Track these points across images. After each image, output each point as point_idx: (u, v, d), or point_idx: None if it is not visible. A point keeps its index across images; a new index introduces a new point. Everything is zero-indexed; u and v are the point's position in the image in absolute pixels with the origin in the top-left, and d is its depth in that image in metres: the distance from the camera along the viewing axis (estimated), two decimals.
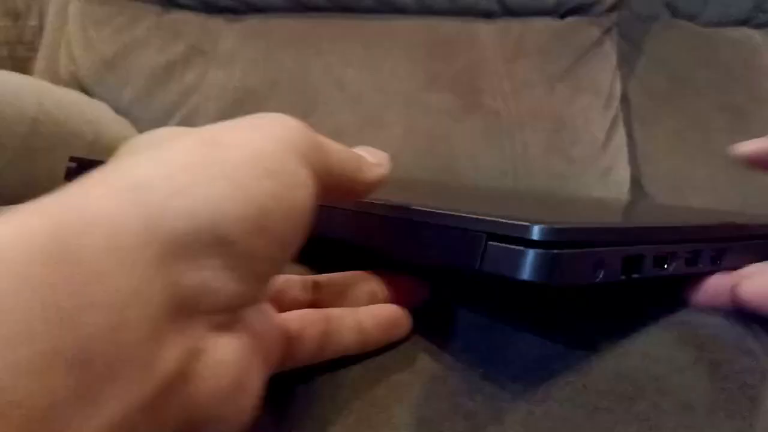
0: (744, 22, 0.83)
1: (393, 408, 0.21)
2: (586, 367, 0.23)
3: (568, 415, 0.20)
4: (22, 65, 0.96)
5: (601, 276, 0.21)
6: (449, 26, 0.78)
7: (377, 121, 0.73)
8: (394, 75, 0.76)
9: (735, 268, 0.26)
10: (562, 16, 0.79)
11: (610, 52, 0.80)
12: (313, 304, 0.23)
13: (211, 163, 0.15)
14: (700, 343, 0.25)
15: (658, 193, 0.76)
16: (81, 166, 0.32)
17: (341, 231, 0.25)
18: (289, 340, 0.21)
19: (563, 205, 0.37)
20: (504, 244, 0.20)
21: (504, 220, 0.20)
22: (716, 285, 0.25)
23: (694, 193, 0.74)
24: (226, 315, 0.16)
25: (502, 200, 0.38)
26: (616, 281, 0.21)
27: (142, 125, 0.74)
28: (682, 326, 0.26)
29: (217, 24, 0.79)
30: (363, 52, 0.77)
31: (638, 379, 0.22)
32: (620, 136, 0.78)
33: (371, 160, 0.21)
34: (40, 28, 0.88)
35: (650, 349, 0.24)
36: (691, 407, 0.21)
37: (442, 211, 0.22)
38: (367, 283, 0.25)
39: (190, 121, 0.75)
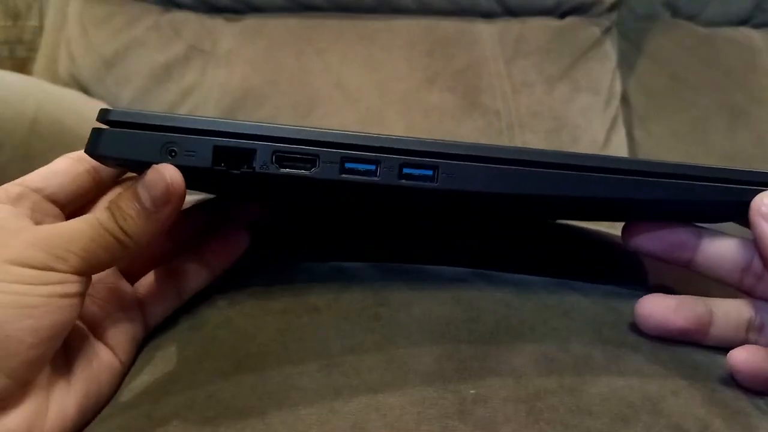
0: (744, 22, 0.83)
1: None
2: (579, 385, 0.22)
3: None
4: (22, 65, 0.96)
5: (179, 159, 0.21)
6: (449, 26, 0.78)
7: (377, 121, 0.73)
8: (393, 74, 0.76)
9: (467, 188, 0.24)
10: (562, 16, 0.79)
11: (610, 51, 0.79)
12: None
13: None
14: (695, 364, 0.24)
15: None
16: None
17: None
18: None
19: None
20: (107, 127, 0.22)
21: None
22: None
23: None
24: None
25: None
26: (220, 172, 0.22)
27: None
28: (677, 346, 0.25)
29: (217, 24, 0.79)
30: (363, 52, 0.77)
31: (632, 400, 0.22)
32: (620, 136, 0.78)
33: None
34: (40, 28, 0.88)
35: (644, 367, 0.23)
36: (684, 430, 0.21)
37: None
38: None
39: None
